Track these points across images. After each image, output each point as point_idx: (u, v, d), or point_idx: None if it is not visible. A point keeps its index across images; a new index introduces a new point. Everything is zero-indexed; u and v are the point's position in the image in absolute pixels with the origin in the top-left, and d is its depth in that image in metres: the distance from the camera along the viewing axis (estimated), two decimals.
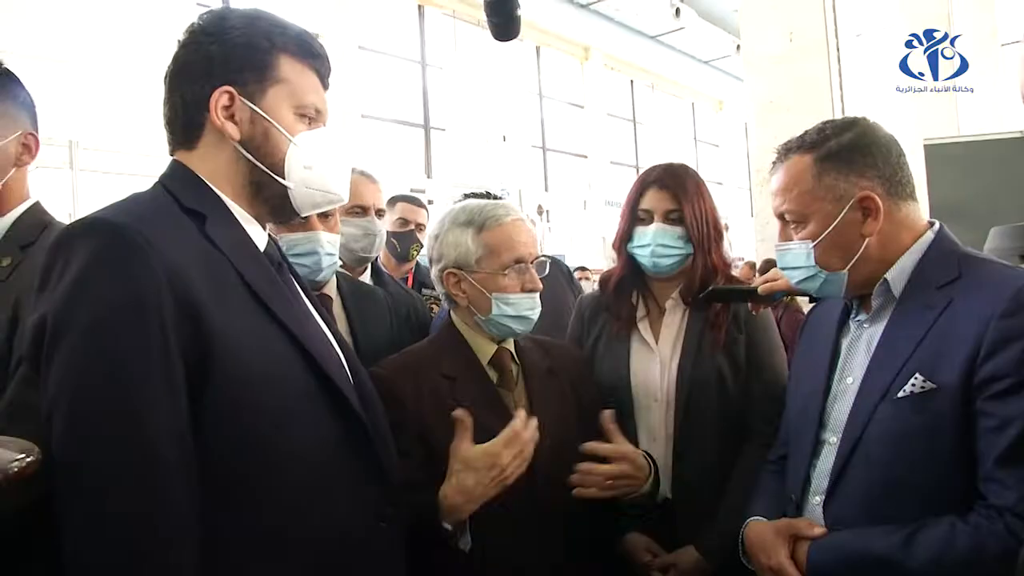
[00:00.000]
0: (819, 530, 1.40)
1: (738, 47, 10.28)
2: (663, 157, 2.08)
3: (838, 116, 5.10)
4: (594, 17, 13.31)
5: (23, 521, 1.20)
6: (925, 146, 3.51)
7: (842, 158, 1.41)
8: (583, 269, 9.15)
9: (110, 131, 5.90)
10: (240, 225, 1.23)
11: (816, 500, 1.46)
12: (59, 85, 5.72)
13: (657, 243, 1.94)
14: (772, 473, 1.68)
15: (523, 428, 1.49)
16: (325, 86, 1.32)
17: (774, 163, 1.52)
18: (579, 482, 1.62)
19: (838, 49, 5.34)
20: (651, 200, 1.98)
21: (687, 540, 1.82)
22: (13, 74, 1.68)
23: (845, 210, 1.39)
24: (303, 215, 1.33)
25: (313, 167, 1.26)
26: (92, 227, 1.05)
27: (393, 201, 3.34)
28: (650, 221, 1.97)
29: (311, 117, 1.27)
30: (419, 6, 10.94)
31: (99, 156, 5.96)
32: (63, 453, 0.98)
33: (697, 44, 14.68)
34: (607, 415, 1.70)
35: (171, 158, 1.25)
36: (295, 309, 1.24)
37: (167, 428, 1.00)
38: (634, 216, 2.00)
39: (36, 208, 1.69)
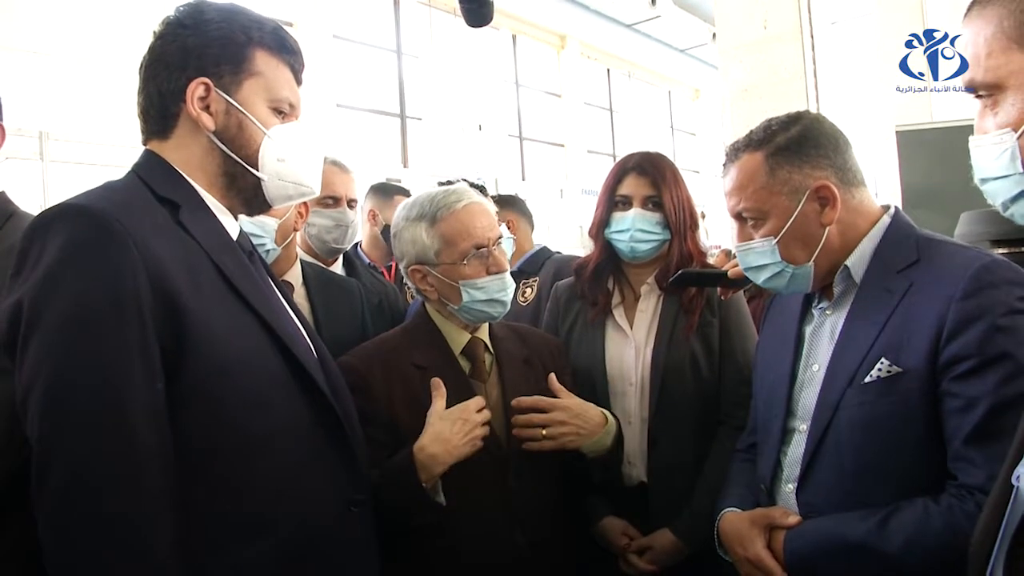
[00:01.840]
0: (794, 519, 1.40)
1: (714, 35, 10.29)
2: (640, 146, 2.09)
3: (812, 104, 5.16)
4: (570, 5, 13.28)
5: None
6: (897, 132, 3.54)
7: (793, 151, 1.42)
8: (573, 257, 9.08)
9: (81, 122, 5.78)
10: (213, 214, 1.25)
11: (788, 488, 1.47)
12: (29, 76, 5.64)
13: (636, 228, 1.95)
14: (743, 462, 1.69)
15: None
16: (299, 81, 1.35)
17: (725, 164, 1.53)
18: (518, 435, 1.63)
19: (812, 37, 5.38)
20: (630, 186, 1.99)
21: (663, 523, 1.84)
22: None
23: (803, 201, 1.40)
24: (275, 206, 1.35)
25: (286, 160, 1.29)
26: (68, 212, 1.06)
27: (389, 194, 3.30)
28: (628, 207, 1.97)
29: (285, 112, 1.30)
30: None
31: (70, 147, 5.87)
32: (38, 438, 0.98)
33: (673, 33, 14.70)
34: (551, 378, 1.71)
35: (144, 148, 1.26)
36: (267, 296, 1.26)
37: (145, 411, 1.02)
38: (612, 202, 2.01)
39: (1, 197, 1.67)
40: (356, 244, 3.07)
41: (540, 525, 1.66)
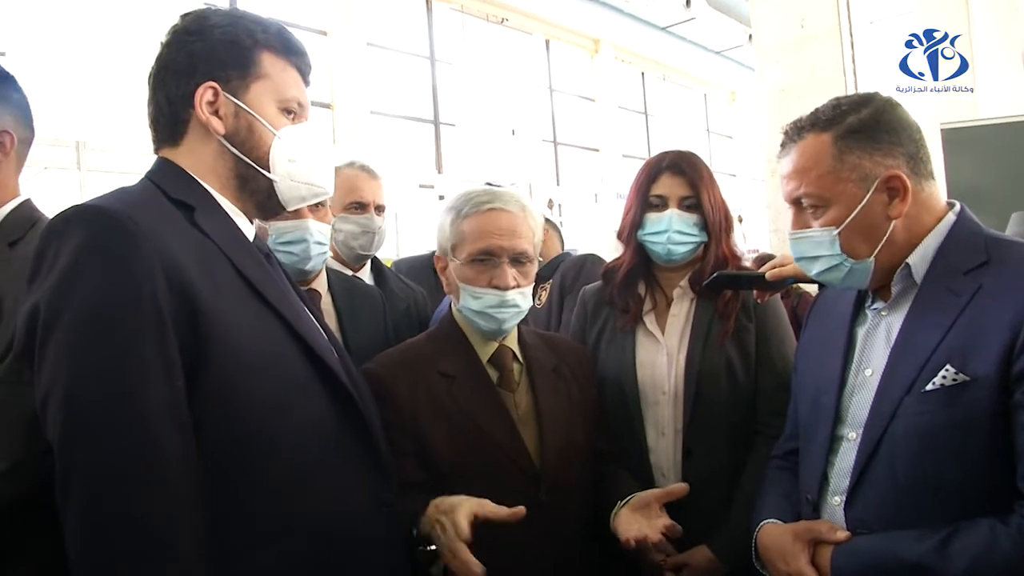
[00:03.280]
0: (842, 534, 1.30)
1: (750, 36, 10.16)
2: (678, 149, 2.01)
3: None
4: (604, 9, 13.20)
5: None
6: (942, 130, 3.43)
7: (865, 135, 1.31)
8: (596, 257, 9.05)
9: (117, 131, 5.84)
10: (228, 216, 1.25)
11: (836, 500, 1.37)
12: (66, 86, 5.75)
13: (674, 229, 1.88)
14: (781, 470, 1.60)
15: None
16: (307, 82, 1.35)
17: (783, 144, 1.41)
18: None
19: (851, 35, 5.26)
20: (665, 186, 1.92)
21: (699, 538, 1.76)
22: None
23: (871, 191, 1.30)
24: (289, 208, 1.35)
25: (297, 160, 1.29)
26: (83, 214, 1.05)
27: None
28: (663, 207, 1.91)
29: (294, 112, 1.30)
30: (427, 1, 10.90)
31: (107, 156, 5.93)
32: (60, 442, 0.98)
33: (709, 34, 14.53)
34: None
35: (157, 156, 1.27)
36: (287, 297, 1.25)
37: (166, 413, 1.01)
38: (645, 202, 1.94)
39: (26, 205, 1.69)
40: None
41: (572, 541, 1.61)
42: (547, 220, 3.30)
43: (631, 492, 1.61)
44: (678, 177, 1.92)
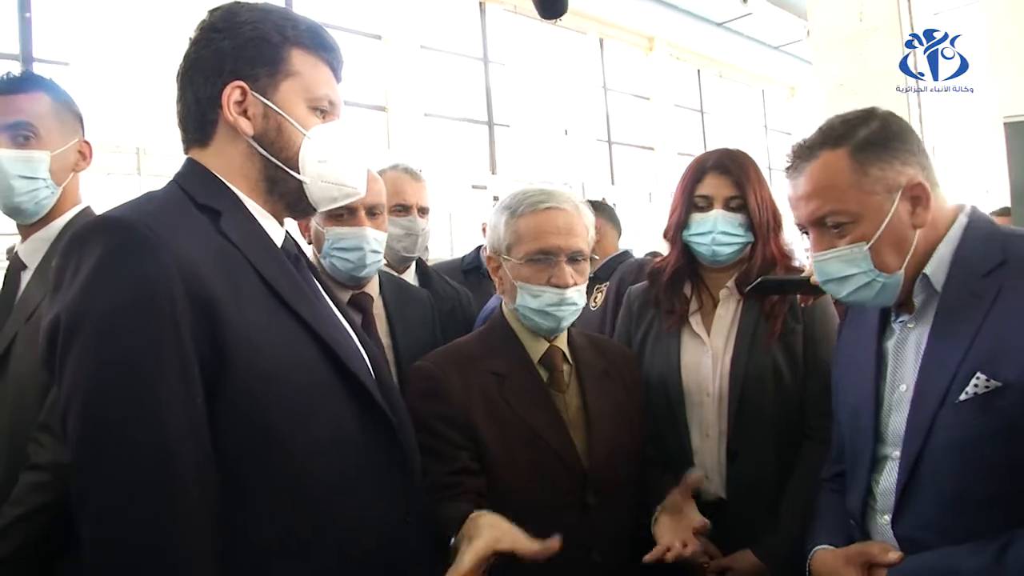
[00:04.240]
0: (895, 555, 1.27)
1: (808, 31, 9.96)
2: (732, 146, 1.98)
3: (912, 97, 4.90)
4: (658, 6, 13.06)
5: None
6: (1005, 124, 3.29)
7: (881, 146, 1.29)
8: (656, 254, 8.98)
9: (174, 137, 5.96)
10: (256, 220, 1.22)
11: (884, 520, 1.34)
12: (126, 93, 5.91)
13: (719, 230, 1.86)
14: (831, 492, 1.55)
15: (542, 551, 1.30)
16: (338, 78, 1.31)
17: (792, 166, 1.37)
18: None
19: (912, 27, 5.10)
20: (710, 186, 1.90)
21: (742, 542, 1.74)
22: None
23: (896, 201, 1.27)
24: (320, 209, 1.32)
25: (328, 160, 1.25)
26: (102, 226, 1.04)
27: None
28: (708, 208, 1.89)
29: (325, 110, 1.26)
30: (480, 3, 10.92)
31: (167, 161, 6.02)
32: (78, 454, 0.97)
33: (766, 29, 14.26)
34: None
35: (186, 157, 1.25)
36: (313, 303, 1.22)
37: (183, 426, 0.99)
38: (690, 203, 1.92)
39: (87, 212, 1.79)
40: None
41: (618, 545, 1.60)
42: (604, 211, 3.26)
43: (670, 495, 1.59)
44: (723, 177, 1.89)
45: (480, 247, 3.00)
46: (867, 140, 1.29)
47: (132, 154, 5.90)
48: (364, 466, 1.19)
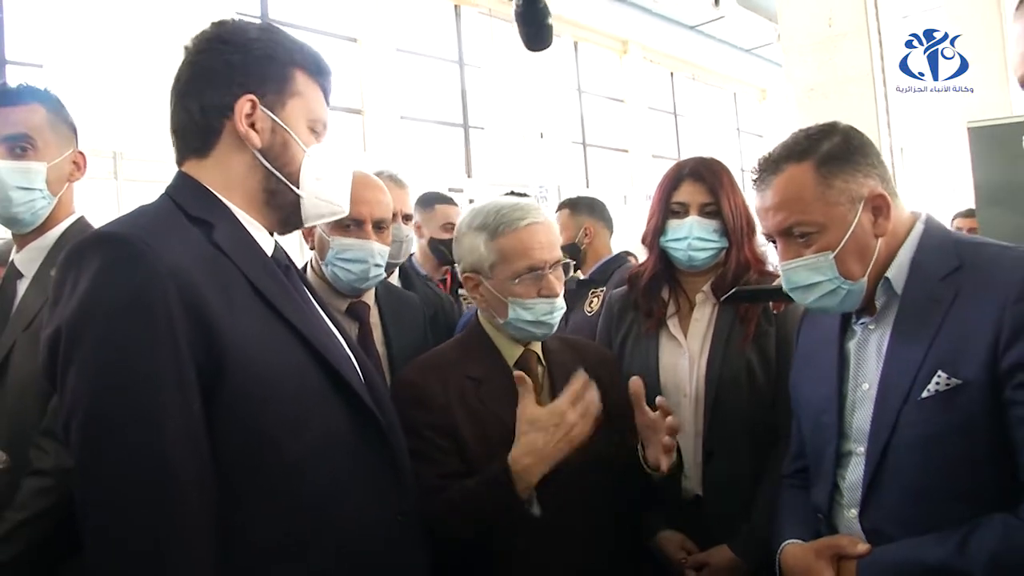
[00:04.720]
0: (864, 547, 1.32)
1: (779, 35, 10.09)
2: (705, 149, 2.05)
3: (881, 102, 5.00)
4: (632, 9, 13.15)
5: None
6: (969, 129, 3.38)
7: (843, 159, 1.36)
8: (629, 253, 9.03)
9: (152, 142, 5.93)
10: (247, 231, 1.25)
11: (851, 514, 1.40)
12: (102, 98, 5.85)
13: (694, 236, 1.92)
14: (794, 488, 1.61)
15: (583, 387, 1.50)
16: (328, 103, 1.36)
17: (759, 179, 1.44)
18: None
19: (879, 32, 5.20)
20: (686, 193, 1.96)
21: (719, 538, 1.79)
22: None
23: (859, 212, 1.35)
24: (307, 224, 1.36)
25: (323, 178, 1.31)
26: (99, 241, 1.08)
27: (430, 203, 3.32)
28: (685, 214, 1.94)
29: (319, 132, 1.32)
30: (455, 6, 10.95)
31: (143, 166, 5.96)
32: (81, 458, 1.00)
33: (738, 33, 14.41)
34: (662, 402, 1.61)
35: (178, 169, 1.28)
36: (304, 311, 1.26)
37: (180, 430, 1.03)
38: (667, 209, 1.98)
39: (81, 222, 1.81)
40: (411, 256, 3.10)
41: (592, 542, 1.64)
42: (595, 211, 3.26)
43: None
44: (698, 184, 1.95)
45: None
46: (830, 154, 1.36)
47: (109, 158, 5.84)
48: (357, 467, 1.23)
